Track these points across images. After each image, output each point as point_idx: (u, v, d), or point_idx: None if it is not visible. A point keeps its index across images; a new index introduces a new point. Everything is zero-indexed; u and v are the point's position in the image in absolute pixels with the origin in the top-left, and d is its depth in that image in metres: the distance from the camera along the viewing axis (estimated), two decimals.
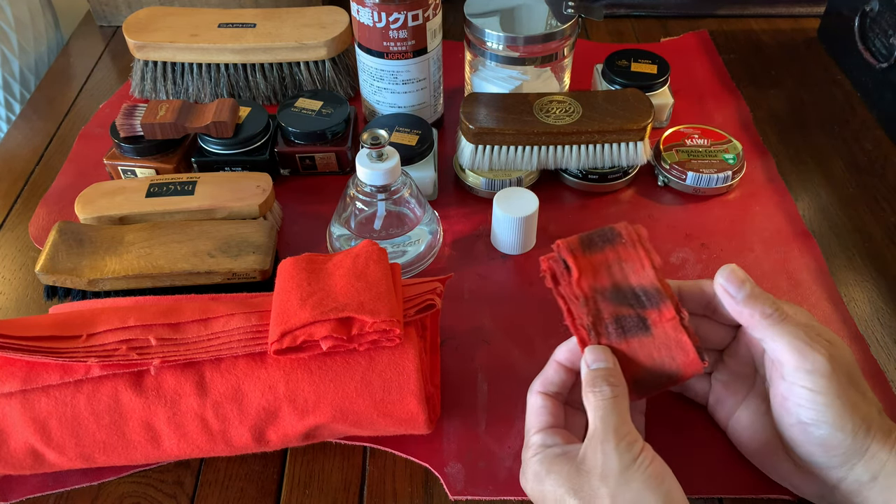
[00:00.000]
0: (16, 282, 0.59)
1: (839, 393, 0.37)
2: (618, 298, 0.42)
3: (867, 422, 0.38)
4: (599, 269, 0.42)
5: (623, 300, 0.42)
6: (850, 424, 0.37)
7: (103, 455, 0.43)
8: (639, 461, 0.37)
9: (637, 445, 0.37)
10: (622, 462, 0.36)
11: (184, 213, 0.57)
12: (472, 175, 0.64)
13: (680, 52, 0.83)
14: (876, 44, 0.74)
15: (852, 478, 0.38)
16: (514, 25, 0.64)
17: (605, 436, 0.37)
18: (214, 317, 0.43)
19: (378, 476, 0.46)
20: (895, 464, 0.37)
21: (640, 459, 0.37)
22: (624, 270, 0.42)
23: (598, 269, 0.42)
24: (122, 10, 0.88)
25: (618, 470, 0.36)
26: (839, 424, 0.37)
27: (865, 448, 0.38)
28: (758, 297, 0.40)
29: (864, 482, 0.38)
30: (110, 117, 0.72)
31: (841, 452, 0.38)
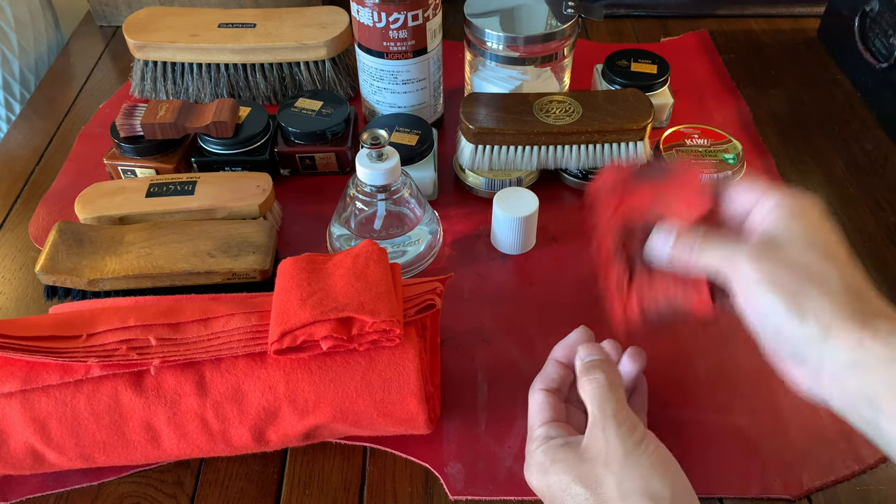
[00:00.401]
0: (16, 282, 0.59)
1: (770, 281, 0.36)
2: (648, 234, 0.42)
3: (816, 309, 0.35)
4: (644, 200, 0.43)
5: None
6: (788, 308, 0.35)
7: (103, 455, 0.43)
8: (642, 446, 0.36)
9: (639, 431, 0.37)
10: (625, 447, 0.36)
11: (184, 213, 0.57)
12: (472, 175, 0.64)
13: (680, 52, 0.83)
14: (876, 44, 0.74)
15: (828, 364, 0.35)
16: (514, 25, 0.64)
17: (604, 422, 0.37)
18: (214, 317, 0.43)
19: (378, 476, 0.46)
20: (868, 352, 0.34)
21: (644, 445, 0.37)
22: (671, 204, 0.42)
23: (637, 204, 0.43)
24: (122, 10, 0.88)
25: (621, 454, 0.36)
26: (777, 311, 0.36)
27: (824, 336, 0.35)
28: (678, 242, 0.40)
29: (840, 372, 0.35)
30: (110, 117, 0.72)
31: (797, 338, 0.35)
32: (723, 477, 0.46)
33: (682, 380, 0.51)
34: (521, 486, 0.45)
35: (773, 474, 0.46)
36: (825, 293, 0.35)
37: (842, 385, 0.35)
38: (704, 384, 0.51)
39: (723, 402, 0.50)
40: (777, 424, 0.48)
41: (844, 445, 0.47)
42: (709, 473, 0.46)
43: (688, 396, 0.50)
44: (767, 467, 0.46)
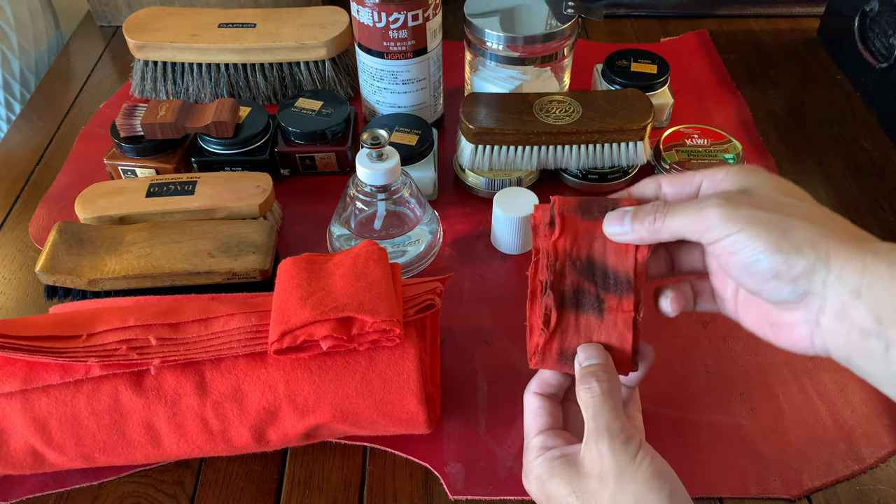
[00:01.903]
0: (16, 282, 0.59)
1: (748, 221, 0.34)
2: (586, 272, 0.40)
3: (809, 239, 0.33)
4: (583, 237, 0.40)
5: (591, 275, 0.40)
6: (778, 242, 0.33)
7: (103, 455, 0.43)
8: (637, 460, 0.36)
9: (633, 444, 0.36)
10: (618, 462, 0.36)
11: (184, 213, 0.57)
12: (472, 175, 0.64)
13: (680, 52, 0.83)
14: (876, 44, 0.74)
15: (831, 296, 0.33)
16: (514, 25, 0.64)
17: (598, 435, 0.37)
18: (214, 317, 0.43)
19: (378, 476, 0.46)
20: (874, 275, 0.32)
21: (639, 458, 0.36)
22: (606, 248, 0.40)
23: (581, 236, 0.40)
24: (122, 10, 0.88)
25: (615, 470, 0.35)
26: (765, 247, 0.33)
27: (824, 263, 0.33)
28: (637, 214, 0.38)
29: (847, 301, 0.33)
30: (110, 117, 0.72)
31: (796, 273, 0.33)
32: (722, 477, 0.46)
33: (682, 380, 0.51)
34: (520, 486, 0.45)
35: (772, 474, 0.46)
36: (815, 223, 0.34)
37: (846, 319, 0.33)
38: (704, 384, 0.51)
39: (723, 402, 0.50)
40: (777, 424, 0.48)
41: (844, 445, 0.47)
42: (708, 473, 0.46)
43: (688, 396, 0.50)
44: (767, 467, 0.46)
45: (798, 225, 0.34)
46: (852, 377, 0.51)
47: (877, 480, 0.46)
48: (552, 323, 0.39)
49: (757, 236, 0.34)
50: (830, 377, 0.51)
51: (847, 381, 0.51)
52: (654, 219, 0.37)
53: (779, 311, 0.36)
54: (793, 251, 0.33)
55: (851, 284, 0.32)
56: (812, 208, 0.35)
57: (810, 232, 0.34)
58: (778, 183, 0.37)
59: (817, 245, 0.33)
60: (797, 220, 0.34)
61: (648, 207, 0.38)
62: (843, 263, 0.33)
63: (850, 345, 0.33)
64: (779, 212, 0.34)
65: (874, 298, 0.32)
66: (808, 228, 0.34)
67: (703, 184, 0.38)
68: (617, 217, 0.39)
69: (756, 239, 0.34)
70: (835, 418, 0.49)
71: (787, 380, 0.51)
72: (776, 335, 0.37)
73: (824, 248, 0.33)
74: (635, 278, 0.39)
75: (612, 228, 0.39)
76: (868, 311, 0.32)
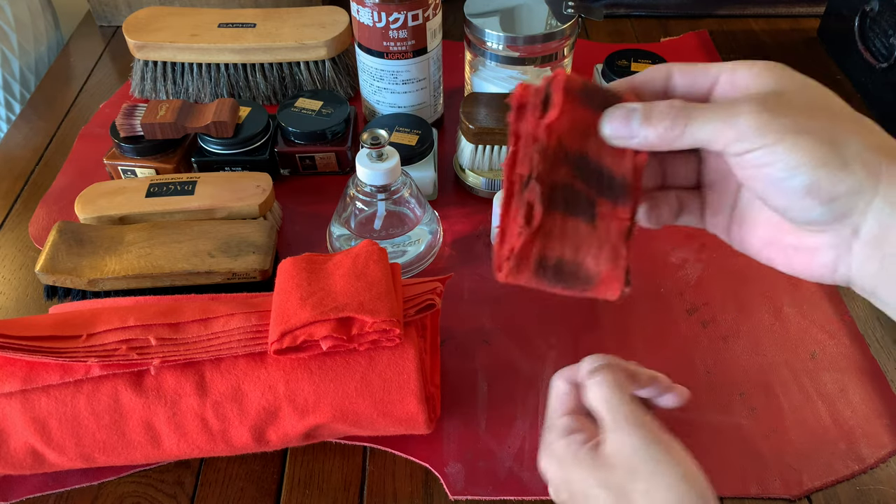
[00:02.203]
0: (16, 282, 0.59)
1: (791, 130, 0.29)
2: (580, 168, 0.33)
3: (861, 154, 0.29)
4: (581, 126, 0.33)
5: (584, 172, 0.33)
6: (824, 155, 0.29)
7: (103, 455, 0.43)
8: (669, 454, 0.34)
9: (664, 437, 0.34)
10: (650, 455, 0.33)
11: (184, 213, 0.57)
12: (472, 175, 0.64)
13: (680, 52, 0.83)
14: (876, 44, 0.74)
15: (871, 220, 0.29)
16: (514, 25, 0.64)
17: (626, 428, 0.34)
18: (214, 317, 0.43)
19: (378, 476, 0.46)
20: None
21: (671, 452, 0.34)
22: (602, 144, 0.33)
23: (579, 125, 0.33)
24: (122, 10, 0.88)
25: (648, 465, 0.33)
26: (807, 161, 0.29)
27: (872, 184, 0.28)
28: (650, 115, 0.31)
29: (891, 226, 0.29)
30: (110, 117, 0.72)
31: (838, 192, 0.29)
32: (722, 477, 0.46)
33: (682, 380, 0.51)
34: (521, 486, 0.45)
35: (772, 474, 0.46)
36: (866, 134, 0.29)
37: (885, 245, 0.29)
38: (704, 384, 0.51)
39: (723, 402, 0.50)
40: (777, 424, 0.48)
41: (844, 445, 0.47)
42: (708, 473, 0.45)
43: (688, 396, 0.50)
44: (767, 467, 0.46)
45: (847, 136, 0.29)
46: (852, 377, 0.51)
47: (877, 480, 0.46)
48: (536, 220, 0.32)
49: (799, 147, 0.28)
50: (830, 377, 0.51)
51: (847, 381, 0.51)
52: (671, 124, 0.31)
53: (800, 232, 0.31)
54: (840, 167, 0.28)
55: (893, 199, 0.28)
56: (860, 118, 0.30)
57: (862, 145, 0.29)
58: (811, 83, 0.31)
59: (869, 162, 0.28)
60: (846, 130, 0.29)
61: (664, 107, 0.31)
62: (894, 184, 0.28)
63: (882, 273, 0.29)
64: (824, 118, 0.29)
65: None
66: (860, 141, 0.29)
67: (721, 79, 0.33)
68: (621, 116, 0.32)
69: (798, 150, 0.28)
70: (835, 418, 0.49)
71: (787, 380, 0.51)
72: (789, 260, 0.33)
73: (876, 166, 0.28)
74: (633, 182, 0.33)
75: (615, 130, 0.32)
76: None
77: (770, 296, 0.56)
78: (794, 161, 0.29)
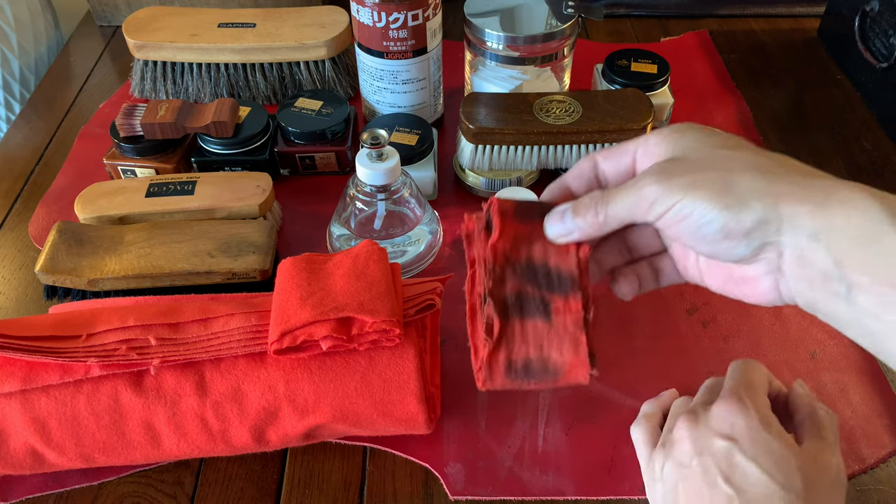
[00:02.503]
0: (16, 282, 0.59)
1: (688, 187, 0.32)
2: (528, 274, 0.37)
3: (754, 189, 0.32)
4: (522, 239, 0.37)
5: (532, 278, 0.37)
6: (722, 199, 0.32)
7: (103, 455, 0.43)
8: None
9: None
10: None
11: (184, 213, 0.57)
12: (472, 175, 0.64)
13: (680, 52, 0.83)
14: (876, 44, 0.74)
15: (787, 244, 0.32)
16: (514, 25, 0.64)
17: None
18: (214, 317, 0.43)
19: (378, 476, 0.46)
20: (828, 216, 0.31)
21: None
22: (547, 248, 0.37)
23: (520, 238, 0.37)
24: (122, 10, 0.88)
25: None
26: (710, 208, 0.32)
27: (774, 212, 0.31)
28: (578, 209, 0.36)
29: (805, 246, 0.31)
30: (110, 117, 0.72)
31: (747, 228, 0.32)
32: None
33: (682, 380, 0.51)
34: (521, 486, 0.45)
35: None
36: (757, 171, 0.32)
37: (807, 264, 0.31)
38: None
39: None
40: None
41: (844, 445, 0.47)
42: None
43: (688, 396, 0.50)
44: None
45: (739, 177, 0.32)
46: (852, 377, 0.51)
47: (877, 480, 0.46)
48: (496, 331, 0.36)
49: (699, 198, 0.32)
50: (830, 377, 0.51)
51: (847, 381, 0.51)
52: (595, 212, 0.35)
53: (741, 267, 0.35)
54: (738, 205, 0.32)
55: (807, 228, 0.31)
56: (752, 156, 0.33)
57: (753, 182, 0.32)
58: (711, 137, 0.35)
59: (763, 194, 0.32)
60: (738, 172, 0.32)
61: (587, 200, 0.35)
62: (794, 208, 0.31)
63: (813, 290, 0.32)
64: (717, 168, 0.33)
65: (831, 241, 0.30)
66: (750, 179, 0.32)
67: (638, 152, 0.36)
68: (557, 217, 0.36)
69: (699, 201, 0.32)
70: None
71: (788, 380, 0.51)
72: (744, 292, 0.36)
73: (772, 196, 0.32)
74: (580, 275, 0.37)
75: (555, 230, 0.36)
76: (827, 253, 0.31)
77: None
78: (701, 211, 0.32)
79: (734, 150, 0.34)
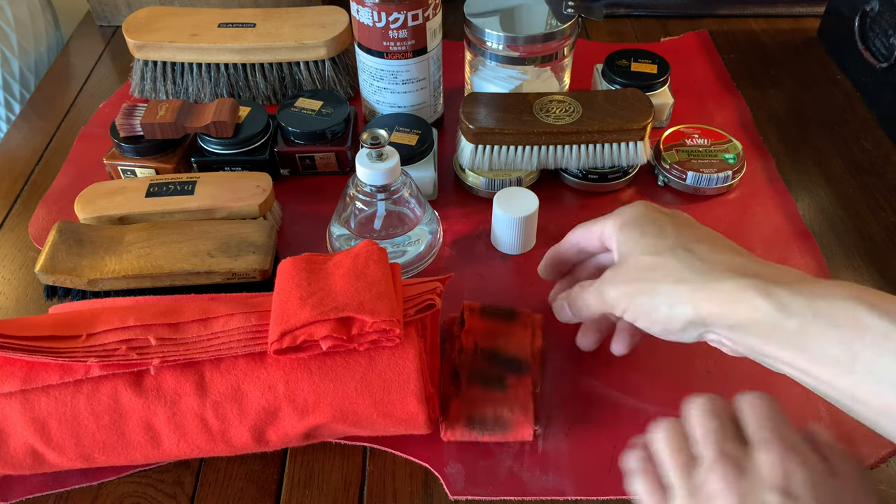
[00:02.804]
0: (16, 282, 0.59)
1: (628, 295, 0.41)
2: (489, 358, 0.49)
3: (672, 299, 0.39)
4: (489, 331, 0.50)
5: (494, 360, 0.49)
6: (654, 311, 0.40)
7: (103, 455, 0.43)
8: None
9: None
10: None
11: (183, 213, 0.57)
12: (472, 175, 0.64)
13: (680, 52, 0.83)
14: (876, 44, 0.74)
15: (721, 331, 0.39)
16: (514, 25, 0.64)
17: None
18: (214, 317, 0.43)
19: (378, 476, 0.46)
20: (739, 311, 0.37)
21: None
22: (509, 341, 0.50)
23: (488, 330, 0.51)
24: (122, 10, 0.88)
25: None
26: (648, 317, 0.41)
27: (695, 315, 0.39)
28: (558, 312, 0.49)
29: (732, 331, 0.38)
30: (110, 117, 0.72)
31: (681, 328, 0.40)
32: None
33: (682, 380, 0.51)
34: (521, 486, 0.45)
35: None
36: (673, 283, 0.39)
37: (739, 343, 0.39)
38: (705, 385, 0.51)
39: None
40: None
41: (845, 445, 0.47)
42: None
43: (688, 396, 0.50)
44: None
45: (662, 289, 0.40)
46: None
47: (877, 480, 0.46)
48: (462, 392, 0.47)
49: (639, 307, 0.41)
50: None
51: None
52: (570, 308, 0.47)
53: None
54: (668, 316, 0.40)
55: (731, 321, 0.38)
56: (673, 261, 0.40)
57: (671, 290, 0.39)
58: (642, 238, 0.42)
59: (681, 301, 0.39)
60: (661, 283, 0.40)
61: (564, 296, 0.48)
62: (708, 307, 0.38)
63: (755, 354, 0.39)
64: (646, 279, 0.41)
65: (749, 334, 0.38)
66: (669, 287, 0.39)
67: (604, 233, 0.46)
68: (557, 309, 0.49)
69: (639, 310, 0.41)
70: (835, 418, 0.49)
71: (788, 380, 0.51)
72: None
73: (689, 302, 0.39)
74: (532, 361, 0.49)
75: (562, 314, 0.49)
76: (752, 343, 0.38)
77: None
78: (643, 317, 0.41)
79: (660, 254, 0.41)
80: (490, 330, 0.51)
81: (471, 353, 0.49)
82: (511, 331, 0.51)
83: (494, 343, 0.50)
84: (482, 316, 0.51)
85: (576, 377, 0.51)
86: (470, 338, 0.50)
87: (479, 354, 0.49)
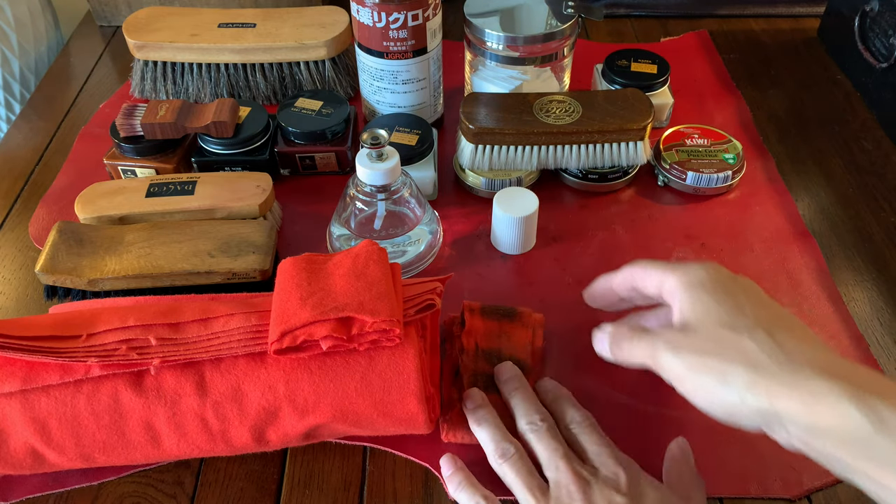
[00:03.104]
0: (16, 282, 0.59)
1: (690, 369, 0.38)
2: (488, 358, 0.49)
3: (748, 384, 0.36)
4: (490, 331, 0.51)
5: (491, 361, 0.49)
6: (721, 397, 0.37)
7: (103, 455, 0.43)
8: None
9: None
10: None
11: (184, 213, 0.57)
12: (472, 175, 0.64)
13: (680, 52, 0.83)
14: (876, 44, 0.74)
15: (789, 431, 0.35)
16: (514, 25, 0.64)
17: None
18: (214, 317, 0.43)
19: (378, 476, 0.46)
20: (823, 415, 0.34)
21: None
22: (510, 341, 0.50)
23: (488, 330, 0.51)
24: (122, 10, 0.88)
25: None
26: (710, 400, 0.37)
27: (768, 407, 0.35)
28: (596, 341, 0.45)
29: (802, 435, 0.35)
30: (110, 117, 0.72)
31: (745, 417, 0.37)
32: (722, 477, 0.45)
33: None
34: None
35: (772, 474, 0.46)
36: (752, 366, 0.36)
37: (807, 445, 0.35)
38: None
39: None
40: None
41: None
42: (708, 473, 0.46)
43: None
44: (767, 467, 0.46)
45: (734, 371, 0.36)
46: None
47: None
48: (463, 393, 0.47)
49: (700, 387, 0.37)
50: None
51: None
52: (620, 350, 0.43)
53: None
54: (735, 402, 0.36)
55: (803, 423, 0.34)
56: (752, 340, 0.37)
57: (747, 377, 0.36)
58: (720, 309, 0.38)
59: (756, 390, 0.35)
60: (732, 364, 0.36)
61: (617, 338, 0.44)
62: (786, 403, 0.35)
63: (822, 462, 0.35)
64: (714, 355, 0.37)
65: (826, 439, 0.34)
66: (744, 373, 0.36)
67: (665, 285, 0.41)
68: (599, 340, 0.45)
69: (699, 390, 0.37)
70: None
71: None
72: None
73: (764, 393, 0.35)
74: (532, 362, 0.49)
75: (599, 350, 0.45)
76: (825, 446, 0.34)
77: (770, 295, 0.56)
78: (703, 393, 0.37)
79: (737, 331, 0.37)
80: (490, 330, 0.51)
81: (472, 355, 0.49)
82: (511, 331, 0.51)
83: (495, 344, 0.50)
84: (482, 316, 0.51)
85: (576, 377, 0.51)
86: (471, 339, 0.50)
87: (480, 356, 0.49)
